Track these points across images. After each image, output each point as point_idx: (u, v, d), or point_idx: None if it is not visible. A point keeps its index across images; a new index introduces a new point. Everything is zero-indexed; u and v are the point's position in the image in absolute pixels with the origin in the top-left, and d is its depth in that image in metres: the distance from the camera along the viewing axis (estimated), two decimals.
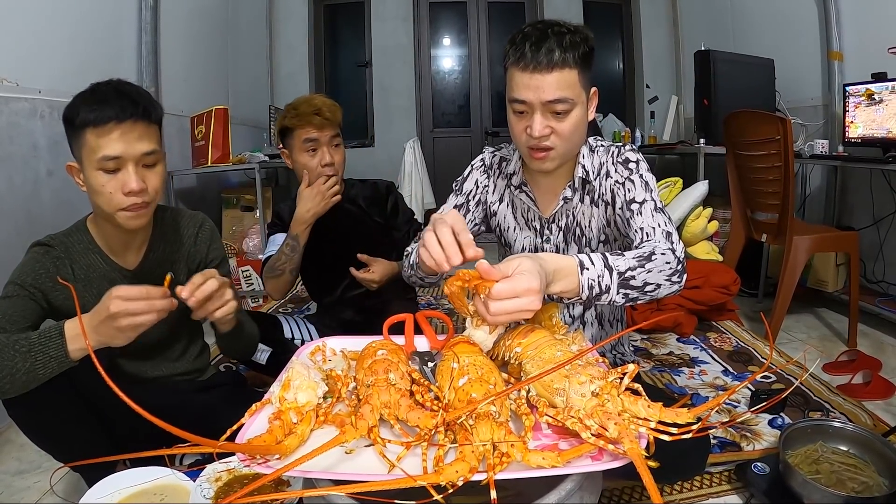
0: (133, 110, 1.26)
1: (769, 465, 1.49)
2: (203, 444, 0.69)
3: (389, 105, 5.76)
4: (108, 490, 1.22)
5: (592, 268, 1.02)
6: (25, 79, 2.29)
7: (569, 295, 1.02)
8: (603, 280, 1.03)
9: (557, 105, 1.24)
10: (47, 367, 1.18)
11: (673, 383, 2.22)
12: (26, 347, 1.16)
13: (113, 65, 3.00)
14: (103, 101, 1.24)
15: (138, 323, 1.13)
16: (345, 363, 1.06)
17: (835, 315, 3.01)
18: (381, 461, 0.73)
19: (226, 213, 4.07)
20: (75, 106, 1.25)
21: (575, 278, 1.00)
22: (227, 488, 1.21)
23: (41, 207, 2.31)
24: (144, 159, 1.29)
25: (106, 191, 1.27)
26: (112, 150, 1.24)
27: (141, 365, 1.58)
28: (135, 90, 1.31)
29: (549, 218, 1.48)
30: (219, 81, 4.41)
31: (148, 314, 1.14)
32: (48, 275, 1.35)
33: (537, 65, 1.21)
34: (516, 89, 1.26)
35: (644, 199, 1.31)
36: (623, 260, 1.07)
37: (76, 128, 1.25)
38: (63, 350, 1.17)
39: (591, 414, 0.74)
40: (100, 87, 1.29)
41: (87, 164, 1.26)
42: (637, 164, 1.37)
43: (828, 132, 3.52)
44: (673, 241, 1.19)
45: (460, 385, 0.80)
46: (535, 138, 1.27)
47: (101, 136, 1.24)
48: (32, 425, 1.33)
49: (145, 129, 1.29)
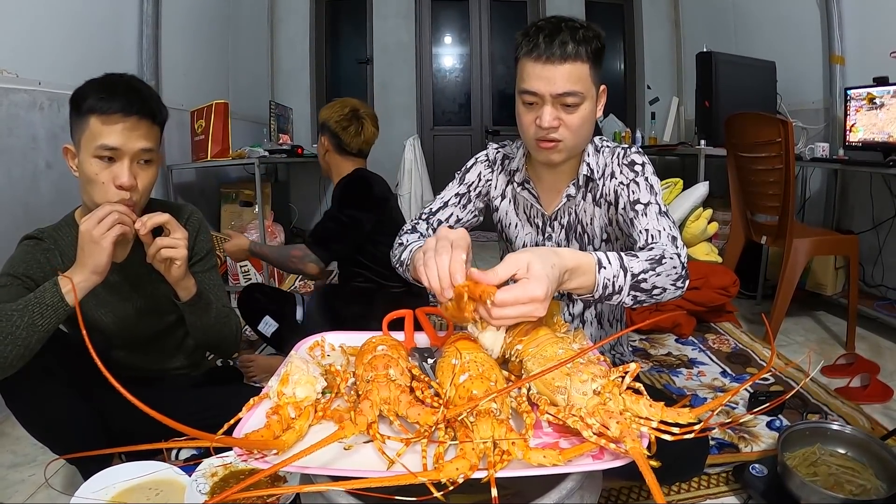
0: (140, 107, 1.28)
1: (767, 467, 1.49)
2: (200, 438, 0.68)
3: (390, 102, 5.74)
4: (104, 484, 1.22)
5: (609, 267, 1.01)
6: (25, 70, 2.28)
7: (581, 292, 1.01)
8: (617, 280, 1.02)
9: (568, 98, 1.24)
10: (45, 317, 1.19)
11: (671, 384, 2.22)
12: (22, 304, 1.20)
13: (114, 57, 2.98)
14: (113, 92, 1.26)
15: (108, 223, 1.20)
16: (344, 358, 1.05)
17: (833, 318, 3.01)
18: (380, 458, 0.72)
19: (224, 209, 4.06)
20: (85, 91, 1.27)
21: (592, 276, 1.00)
22: (223, 483, 1.21)
23: (39, 200, 2.30)
24: (141, 156, 1.31)
25: (99, 180, 1.28)
26: (112, 140, 1.26)
27: (137, 359, 1.58)
28: (146, 88, 1.34)
29: (551, 215, 1.48)
30: (219, 76, 4.39)
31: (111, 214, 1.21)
32: (39, 266, 1.37)
33: (550, 56, 1.21)
34: (527, 80, 1.26)
35: (649, 201, 1.30)
36: (637, 262, 1.06)
37: (81, 112, 1.26)
38: (58, 295, 1.20)
39: (592, 412, 0.73)
40: (113, 77, 1.31)
41: (85, 149, 1.28)
42: (643, 166, 1.36)
43: (828, 135, 3.51)
44: (678, 246, 1.19)
45: (461, 382, 0.80)
46: (544, 129, 1.27)
47: (105, 125, 1.25)
48: (31, 417, 1.34)
49: (148, 128, 1.31)
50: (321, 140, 2.42)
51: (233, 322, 1.59)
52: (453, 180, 1.56)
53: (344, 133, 2.34)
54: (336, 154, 2.39)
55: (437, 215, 1.52)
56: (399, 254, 1.37)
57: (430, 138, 5.92)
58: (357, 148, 2.37)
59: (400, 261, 1.36)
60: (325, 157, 2.43)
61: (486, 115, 5.96)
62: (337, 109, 2.36)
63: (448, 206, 1.53)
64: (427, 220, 1.51)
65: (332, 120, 2.34)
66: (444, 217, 1.52)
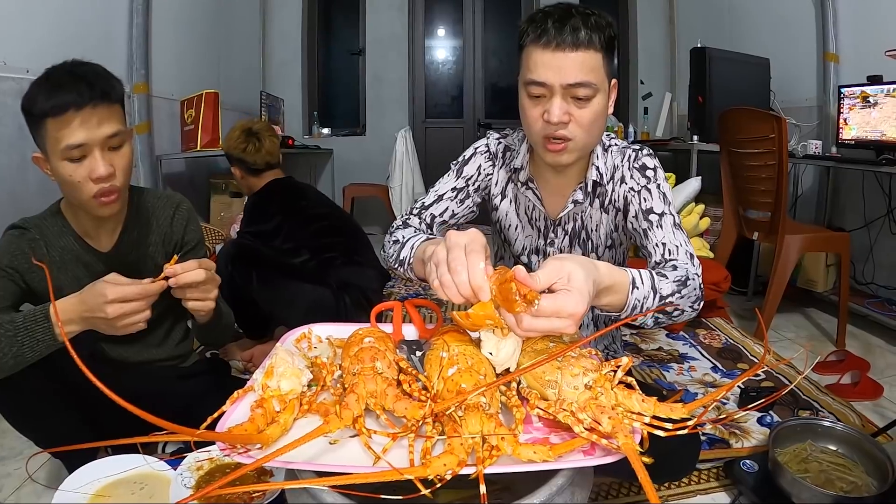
0: (91, 94, 1.20)
1: (758, 463, 1.49)
2: (181, 433, 0.66)
3: (382, 94, 5.72)
4: (88, 478, 1.20)
5: (641, 287, 0.97)
6: (13, 58, 2.25)
7: (609, 310, 0.97)
8: (647, 302, 0.98)
9: (579, 89, 1.13)
10: (35, 350, 1.17)
11: (662, 379, 2.21)
12: (12, 332, 1.16)
13: (103, 46, 2.95)
14: (59, 88, 1.18)
15: (133, 322, 1.14)
16: (330, 351, 1.03)
17: (823, 315, 3.02)
18: (367, 453, 0.70)
19: (214, 199, 4.03)
20: (32, 95, 1.20)
21: (624, 296, 0.95)
22: (208, 477, 1.19)
23: (26, 190, 2.27)
24: (109, 142, 1.24)
25: (74, 180, 1.23)
26: (75, 138, 1.19)
27: (124, 350, 1.55)
28: (91, 71, 1.25)
29: (555, 220, 1.39)
30: (210, 67, 4.35)
31: (142, 313, 1.15)
32: (24, 256, 1.33)
33: (560, 42, 1.10)
34: (534, 69, 1.14)
35: (663, 211, 1.24)
36: (667, 283, 1.02)
37: (35, 118, 1.20)
38: (49, 333, 1.16)
39: (584, 407, 0.71)
40: (54, 72, 1.23)
41: (52, 154, 1.22)
42: (655, 171, 1.28)
43: (821, 133, 3.51)
44: (696, 265, 1.14)
45: (449, 375, 0.78)
46: (553, 124, 1.15)
47: (62, 125, 1.18)
48: (15, 410, 1.32)
49: (107, 112, 1.23)
50: (234, 172, 2.55)
51: (230, 318, 1.58)
52: (449, 172, 1.45)
53: (245, 154, 2.43)
54: (250, 177, 2.50)
55: (431, 209, 1.41)
56: (396, 252, 1.25)
57: (421, 131, 5.90)
58: (264, 162, 2.46)
59: (399, 260, 1.24)
60: (244, 183, 2.55)
61: (479, 109, 5.94)
62: (233, 136, 2.46)
63: (443, 200, 1.42)
64: (419, 214, 1.41)
65: (231, 148, 2.45)
66: (438, 212, 1.41)
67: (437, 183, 1.46)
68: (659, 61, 5.59)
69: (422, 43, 5.88)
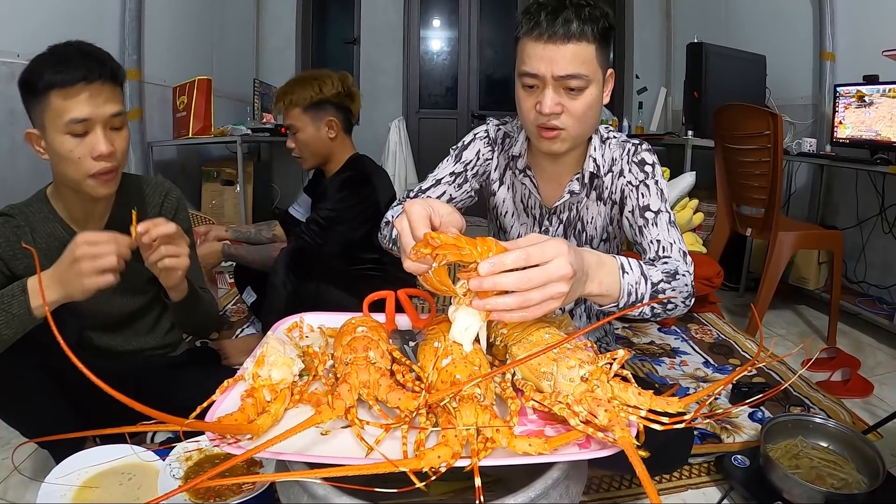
0: (101, 71, 1.21)
1: (749, 458, 1.49)
2: (169, 423, 0.65)
3: (376, 84, 5.68)
4: (75, 468, 1.18)
5: (631, 272, 0.97)
6: (4, 42, 2.22)
7: (604, 300, 0.95)
8: (639, 288, 0.98)
9: (571, 81, 1.14)
10: (11, 327, 1.15)
11: (654, 373, 2.21)
12: None
13: (95, 30, 2.91)
14: (67, 63, 1.18)
15: (100, 266, 1.10)
16: (322, 340, 1.02)
17: (815, 313, 3.03)
18: (359, 444, 0.69)
19: (205, 187, 4.01)
20: (36, 68, 1.19)
21: (616, 279, 0.94)
22: (197, 468, 1.18)
23: (17, 174, 2.24)
24: (112, 121, 1.25)
25: (74, 156, 1.22)
26: (80, 112, 1.19)
27: (111, 339, 1.53)
28: (98, 51, 1.26)
29: (551, 209, 1.41)
30: (203, 53, 4.31)
31: (110, 256, 1.10)
32: (8, 244, 1.31)
33: (552, 35, 1.12)
34: (528, 61, 1.16)
35: (659, 208, 1.25)
36: (654, 271, 1.02)
37: (39, 91, 1.19)
38: (26, 307, 1.14)
39: (579, 400, 0.71)
40: (60, 48, 1.23)
41: (52, 128, 1.21)
42: (653, 167, 1.30)
43: (816, 131, 3.52)
44: (688, 263, 1.15)
45: (443, 366, 0.77)
46: (545, 115, 1.17)
47: (69, 97, 1.18)
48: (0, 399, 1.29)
49: (112, 91, 1.24)
50: (323, 123, 2.08)
51: (212, 307, 1.56)
52: (448, 157, 1.46)
53: (353, 105, 2.11)
54: (345, 135, 2.15)
55: (429, 193, 1.42)
56: (389, 233, 1.31)
57: (415, 121, 5.87)
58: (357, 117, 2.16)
59: (392, 239, 1.29)
60: (326, 142, 2.11)
61: (473, 100, 5.91)
62: (331, 81, 2.07)
63: (441, 185, 1.43)
64: (416, 198, 1.40)
65: (334, 95, 2.06)
66: (436, 195, 1.42)
67: (436, 168, 1.47)
68: (654, 56, 5.58)
69: (417, 33, 5.84)
